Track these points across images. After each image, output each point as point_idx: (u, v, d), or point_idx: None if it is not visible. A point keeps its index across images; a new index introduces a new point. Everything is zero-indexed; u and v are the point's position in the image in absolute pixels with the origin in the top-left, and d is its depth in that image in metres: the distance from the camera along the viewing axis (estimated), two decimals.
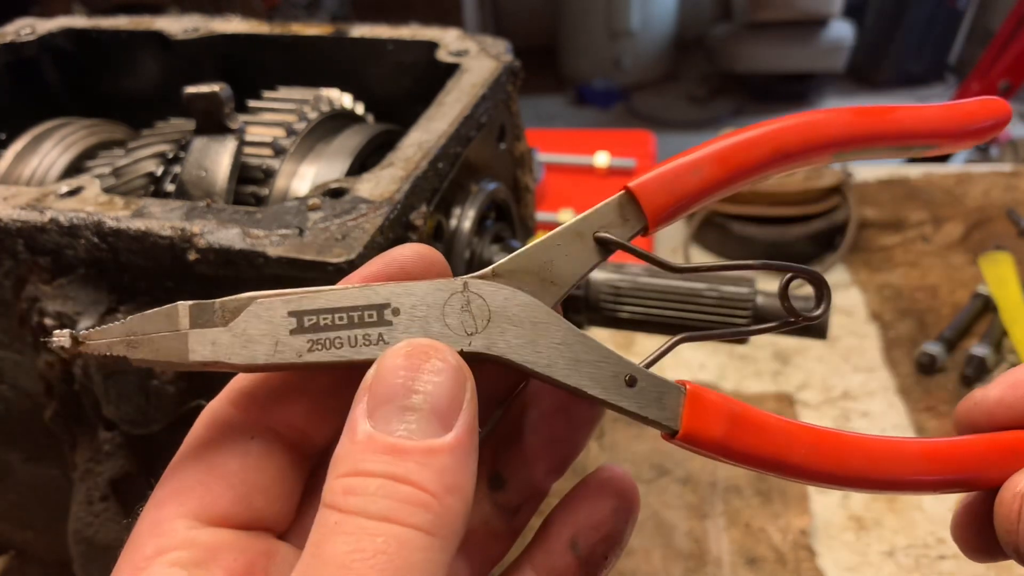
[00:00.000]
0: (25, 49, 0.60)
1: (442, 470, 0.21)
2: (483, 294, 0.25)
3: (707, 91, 3.54)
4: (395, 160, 0.42)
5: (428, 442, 0.21)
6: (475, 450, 0.22)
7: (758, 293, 0.48)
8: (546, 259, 0.26)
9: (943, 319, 0.88)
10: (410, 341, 0.23)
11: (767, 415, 0.25)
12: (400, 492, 0.20)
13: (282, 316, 0.24)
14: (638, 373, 0.25)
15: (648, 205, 0.27)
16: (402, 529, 0.20)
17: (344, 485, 0.20)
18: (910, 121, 0.29)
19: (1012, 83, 1.40)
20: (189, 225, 0.37)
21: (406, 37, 0.57)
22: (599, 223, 0.27)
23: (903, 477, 0.25)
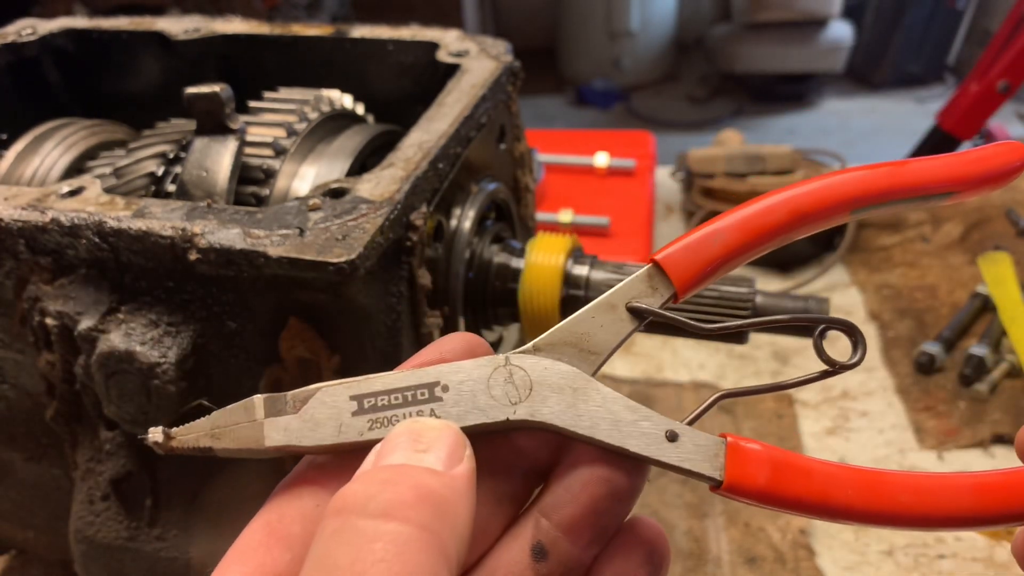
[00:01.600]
0: (26, 49, 0.60)
1: (440, 499, 0.22)
2: (524, 366, 0.27)
3: (707, 92, 3.54)
4: (395, 160, 0.42)
5: (429, 465, 0.23)
6: (471, 497, 0.23)
7: (757, 293, 0.49)
8: (583, 332, 0.28)
9: (942, 319, 0.88)
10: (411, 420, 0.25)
11: (809, 460, 0.26)
12: (400, 487, 0.21)
13: (344, 400, 0.27)
14: (679, 428, 0.27)
15: (675, 275, 0.29)
16: (400, 525, 0.21)
17: (341, 493, 0.22)
18: (924, 174, 0.30)
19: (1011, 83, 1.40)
20: (190, 225, 0.37)
21: (406, 38, 0.57)
22: (630, 294, 0.29)
23: (956, 513, 0.25)
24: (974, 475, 0.25)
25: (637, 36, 3.47)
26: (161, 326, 0.39)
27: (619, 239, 1.04)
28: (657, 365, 0.87)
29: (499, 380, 0.27)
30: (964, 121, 1.57)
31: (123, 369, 0.38)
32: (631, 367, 0.87)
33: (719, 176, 1.03)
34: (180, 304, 0.39)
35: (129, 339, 0.38)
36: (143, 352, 0.38)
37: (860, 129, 3.23)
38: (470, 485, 0.23)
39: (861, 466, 0.26)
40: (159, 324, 0.39)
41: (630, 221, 1.06)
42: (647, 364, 0.87)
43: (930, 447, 0.75)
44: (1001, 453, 0.74)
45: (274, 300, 0.38)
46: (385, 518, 0.21)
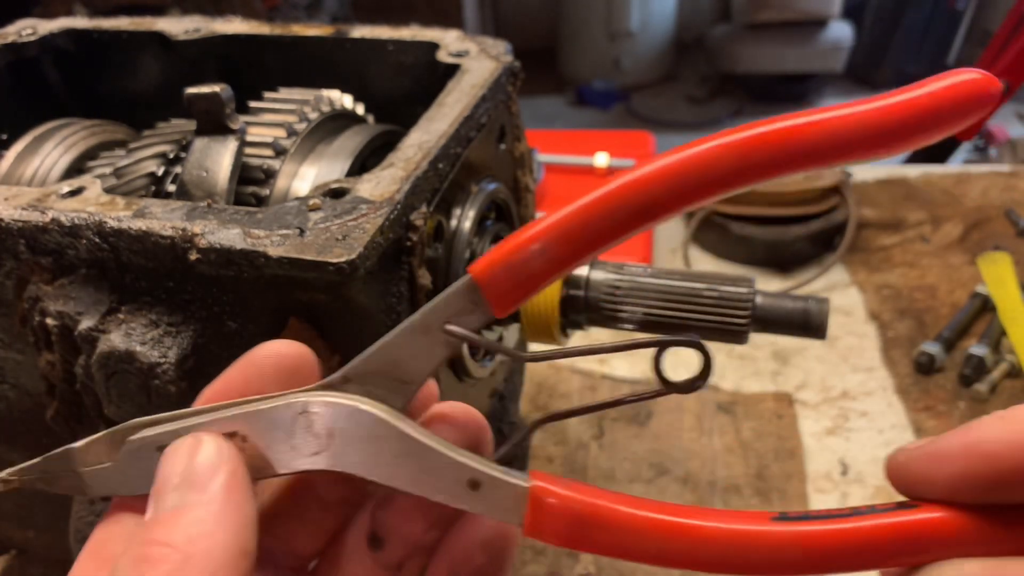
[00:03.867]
0: (26, 49, 0.60)
1: (187, 524, 0.23)
2: (324, 413, 0.26)
3: (706, 92, 3.54)
4: (395, 160, 0.42)
5: (179, 508, 0.24)
6: (238, 500, 0.24)
7: (757, 293, 0.49)
8: (395, 358, 0.26)
9: (942, 319, 0.89)
10: (170, 445, 0.26)
11: (617, 510, 0.24)
12: (143, 552, 0.23)
13: (151, 451, 0.27)
14: (481, 476, 0.25)
15: (492, 294, 0.25)
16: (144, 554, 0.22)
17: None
18: (836, 133, 0.22)
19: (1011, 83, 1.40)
20: (190, 225, 0.37)
21: (406, 38, 0.57)
22: (447, 312, 0.26)
23: (768, 563, 0.24)
24: (806, 526, 0.23)
25: (637, 36, 3.47)
26: (161, 326, 0.39)
27: None
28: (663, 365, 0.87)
29: (300, 428, 0.26)
30: None
31: (123, 369, 0.38)
32: (631, 367, 0.87)
33: None
34: (180, 304, 0.39)
35: (129, 339, 0.38)
36: (143, 352, 0.38)
37: None
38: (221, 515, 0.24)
39: (682, 509, 0.24)
40: (159, 324, 0.39)
41: None
42: (646, 364, 0.87)
43: None
44: None
45: (274, 300, 0.38)
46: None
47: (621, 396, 0.28)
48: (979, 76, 0.23)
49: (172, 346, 0.38)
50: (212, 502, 0.24)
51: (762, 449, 0.75)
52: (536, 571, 0.66)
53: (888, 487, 0.76)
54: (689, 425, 0.78)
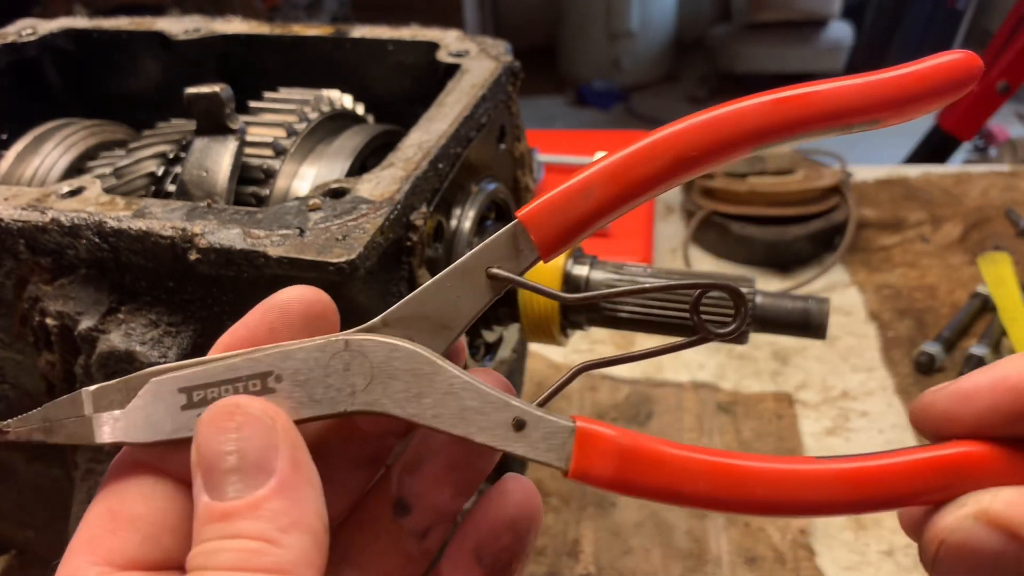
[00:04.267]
0: (26, 49, 0.60)
1: (274, 515, 0.22)
2: (365, 351, 0.25)
3: (707, 92, 3.54)
4: (395, 160, 0.42)
5: (252, 496, 0.22)
6: (308, 482, 0.23)
7: (757, 293, 0.49)
8: (437, 302, 0.26)
9: (942, 319, 0.89)
10: (212, 407, 0.24)
11: (663, 447, 0.25)
12: (237, 546, 0.21)
13: (173, 393, 0.25)
14: (526, 415, 0.25)
15: (538, 235, 0.26)
16: (248, 574, 0.21)
17: (191, 556, 0.22)
18: (840, 99, 0.26)
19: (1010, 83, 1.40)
20: (190, 225, 0.37)
21: (406, 38, 0.57)
22: (491, 258, 0.26)
23: (813, 501, 0.24)
24: (844, 464, 0.24)
25: (637, 36, 3.47)
26: (161, 326, 0.39)
27: (619, 239, 1.04)
28: (657, 365, 0.87)
29: (337, 367, 0.25)
30: (964, 121, 1.57)
31: (123, 369, 0.38)
32: (631, 367, 0.87)
33: (719, 176, 1.03)
34: (180, 304, 0.39)
35: (129, 339, 0.38)
36: (143, 352, 0.38)
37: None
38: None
39: (725, 452, 0.25)
40: (159, 324, 0.39)
41: (630, 221, 1.06)
42: (647, 364, 0.87)
43: None
44: None
45: None
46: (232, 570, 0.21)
47: (661, 347, 0.28)
48: (962, 55, 0.26)
49: (172, 346, 0.38)
50: (287, 486, 0.23)
51: (762, 449, 0.75)
52: (536, 571, 0.66)
53: None
54: (689, 425, 0.78)
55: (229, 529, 0.22)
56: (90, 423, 0.26)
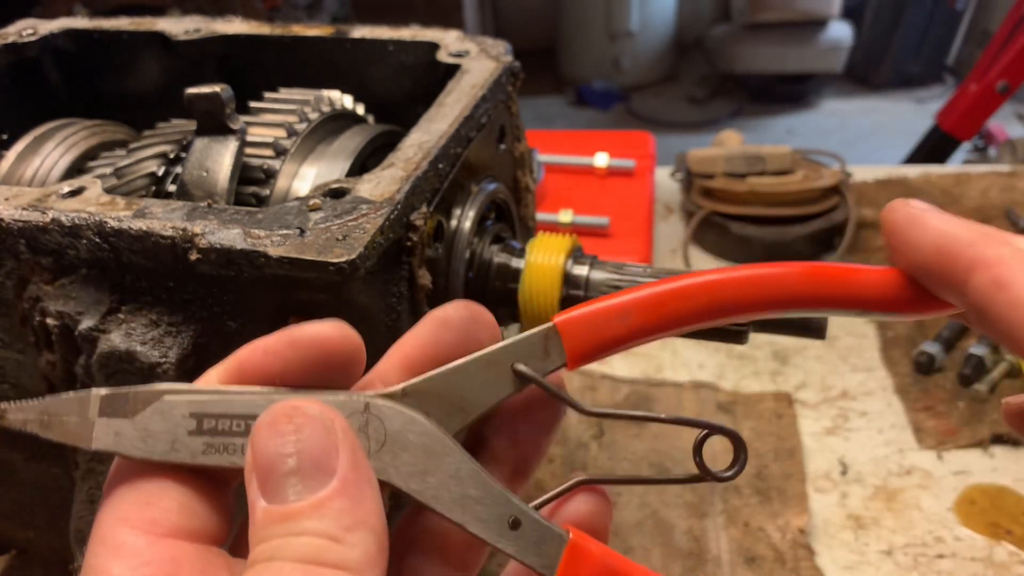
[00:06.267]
0: (27, 50, 0.60)
1: (338, 514, 0.22)
2: (382, 416, 0.25)
3: (706, 92, 3.54)
4: (396, 160, 0.42)
5: (315, 497, 0.22)
6: (368, 481, 0.23)
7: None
8: (460, 384, 0.26)
9: (941, 319, 0.89)
10: (269, 410, 0.23)
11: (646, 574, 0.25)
12: (298, 543, 0.21)
13: (183, 416, 0.25)
14: (523, 516, 0.25)
15: (570, 345, 0.27)
16: (314, 567, 0.21)
17: (254, 554, 0.22)
18: (871, 287, 0.27)
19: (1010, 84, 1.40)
20: (190, 225, 0.37)
21: (406, 38, 0.57)
22: (520, 353, 0.27)
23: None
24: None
25: (637, 36, 3.47)
26: (162, 326, 0.39)
27: (619, 239, 1.04)
28: (657, 365, 0.87)
29: (353, 427, 0.25)
30: (964, 121, 1.57)
31: (124, 369, 0.38)
32: (631, 367, 0.87)
33: (719, 176, 1.03)
34: (181, 304, 0.39)
35: (130, 339, 0.38)
36: (144, 352, 0.38)
37: (860, 129, 3.24)
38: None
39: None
40: (160, 324, 0.39)
41: (630, 221, 1.06)
42: (647, 364, 0.87)
43: (929, 447, 0.75)
44: (1000, 453, 0.74)
45: (274, 300, 0.38)
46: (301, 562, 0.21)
47: (663, 477, 0.31)
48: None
49: (172, 346, 0.38)
50: (348, 486, 0.22)
51: (762, 449, 0.76)
52: None
53: (887, 487, 0.76)
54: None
55: (293, 528, 0.22)
56: (90, 427, 0.25)
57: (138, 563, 0.22)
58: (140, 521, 0.23)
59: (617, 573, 0.25)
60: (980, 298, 0.24)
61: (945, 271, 0.25)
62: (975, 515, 0.68)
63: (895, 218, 0.27)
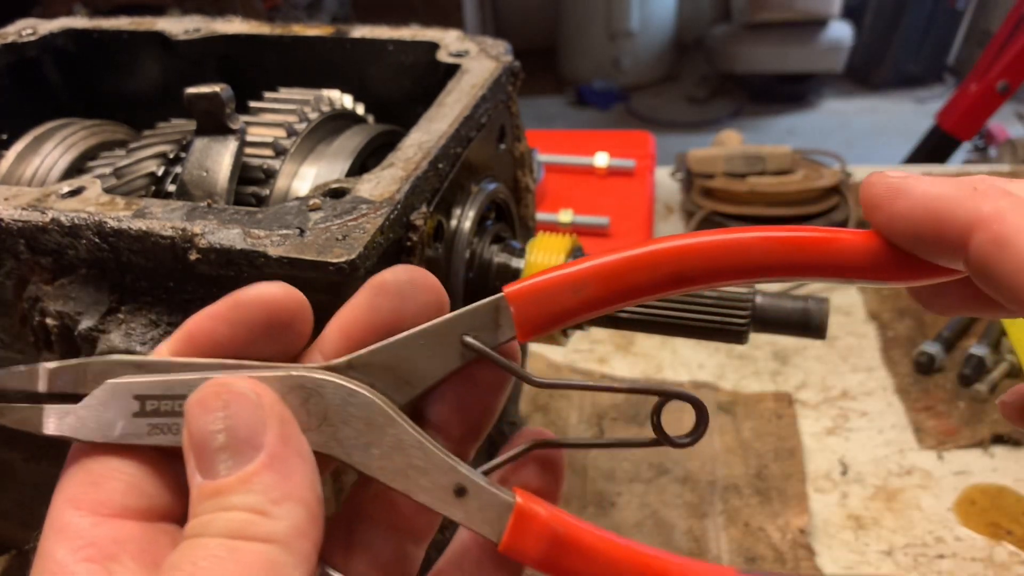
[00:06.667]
0: (26, 50, 0.60)
1: (265, 488, 0.22)
2: (322, 392, 0.25)
3: (706, 92, 3.54)
4: (396, 160, 0.42)
5: (243, 471, 0.22)
6: (298, 453, 0.23)
7: (757, 293, 0.49)
8: (406, 356, 0.26)
9: (941, 319, 0.88)
10: (200, 388, 0.24)
11: (597, 539, 0.25)
12: (224, 519, 0.22)
13: (128, 398, 0.25)
14: (469, 483, 0.25)
15: (521, 317, 0.26)
16: (239, 542, 0.21)
17: (187, 528, 0.23)
18: (852, 253, 0.26)
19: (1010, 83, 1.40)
20: (190, 225, 0.37)
21: (406, 38, 0.57)
22: (470, 325, 0.26)
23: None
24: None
25: (637, 36, 3.47)
26: (161, 326, 0.39)
27: (619, 239, 1.04)
28: (657, 365, 0.87)
29: (293, 402, 0.25)
30: (964, 121, 1.57)
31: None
32: (630, 367, 0.87)
33: (719, 176, 1.03)
34: (180, 304, 0.39)
35: (129, 339, 0.38)
36: (143, 352, 0.38)
37: (860, 129, 3.24)
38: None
39: (660, 552, 0.25)
40: (159, 324, 0.39)
41: (630, 221, 1.06)
42: (646, 364, 0.87)
43: (929, 447, 0.75)
44: (1001, 453, 0.74)
45: None
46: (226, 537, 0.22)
47: (619, 440, 0.29)
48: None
49: None
50: (276, 460, 0.23)
51: (762, 449, 0.75)
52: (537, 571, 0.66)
53: (887, 487, 0.75)
54: (689, 425, 0.78)
55: (222, 503, 0.22)
56: (40, 413, 0.26)
57: (80, 544, 0.23)
58: (86, 502, 0.24)
59: (565, 535, 0.25)
60: (982, 259, 0.23)
61: (940, 236, 0.24)
62: (975, 515, 0.68)
63: (875, 192, 0.26)
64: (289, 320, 0.26)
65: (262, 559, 0.21)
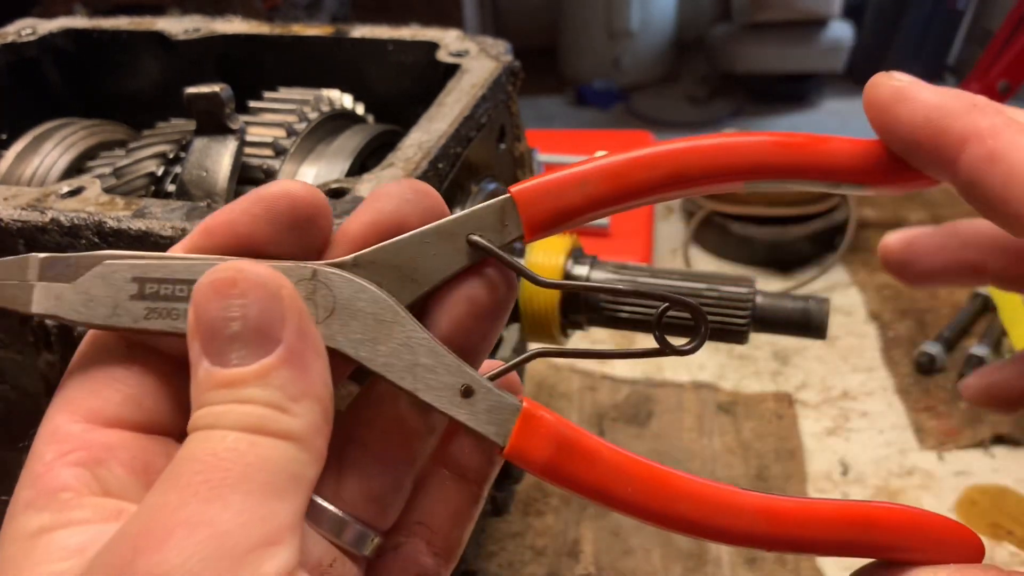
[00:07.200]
0: (26, 49, 0.60)
1: (283, 383, 0.21)
2: (331, 284, 0.25)
3: (707, 92, 3.54)
4: (395, 160, 0.42)
5: (260, 364, 0.21)
6: (315, 350, 0.23)
7: (758, 293, 0.49)
8: (412, 254, 0.26)
9: (942, 319, 0.88)
10: (213, 270, 0.22)
11: (603, 446, 0.25)
12: (240, 411, 0.21)
13: (125, 280, 0.24)
14: (476, 384, 0.25)
15: (527, 214, 0.26)
16: (258, 437, 0.21)
17: (194, 416, 0.22)
18: (843, 157, 0.26)
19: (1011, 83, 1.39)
20: (190, 225, 0.37)
21: (406, 38, 0.57)
22: (475, 225, 0.26)
23: (732, 529, 0.24)
24: (770, 499, 0.25)
25: (637, 36, 3.47)
26: None
27: (619, 239, 1.04)
28: (657, 365, 0.87)
29: (301, 293, 0.24)
30: None
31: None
32: (631, 367, 0.87)
33: None
34: None
35: None
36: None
37: (860, 129, 3.20)
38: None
39: (663, 468, 0.25)
40: None
41: (630, 221, 1.06)
42: (647, 364, 0.87)
43: (930, 447, 0.75)
44: (1001, 453, 0.74)
45: None
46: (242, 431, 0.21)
47: (622, 351, 0.29)
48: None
49: None
50: (294, 355, 0.22)
51: (762, 449, 0.75)
52: (536, 571, 0.66)
53: (888, 488, 0.75)
54: (689, 425, 0.78)
55: (237, 395, 0.21)
56: (30, 290, 0.24)
57: (69, 448, 0.23)
58: (81, 410, 0.23)
59: (571, 440, 0.25)
60: (972, 172, 0.24)
61: (936, 145, 0.24)
62: (976, 516, 0.68)
63: (879, 93, 0.26)
64: (312, 215, 0.25)
65: (281, 455, 0.21)
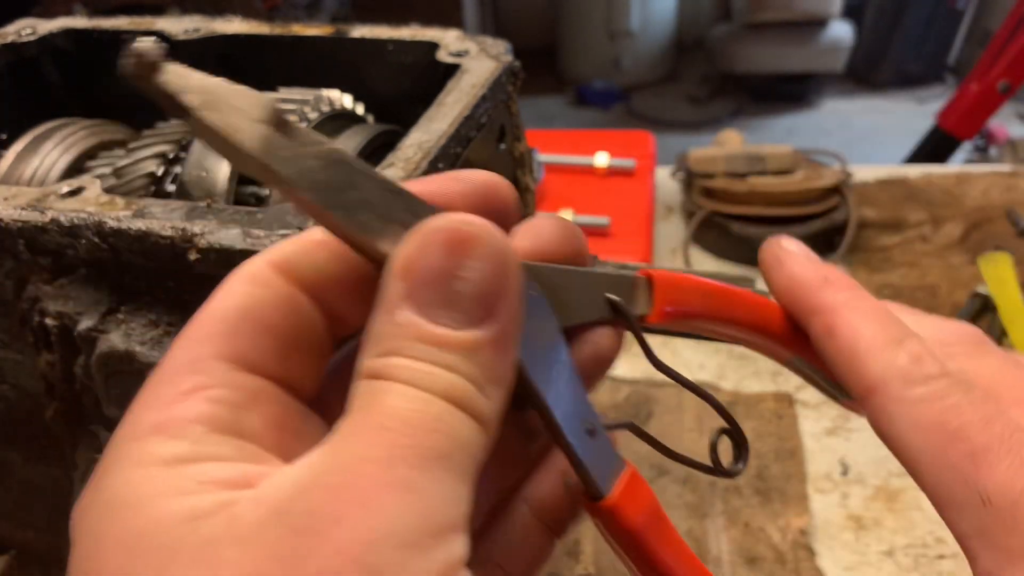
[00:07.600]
0: (26, 49, 0.60)
1: (488, 361, 0.20)
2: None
3: (707, 92, 3.54)
4: (395, 160, 0.42)
5: (472, 334, 0.19)
6: (518, 340, 0.21)
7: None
8: (565, 286, 0.25)
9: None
10: (447, 218, 0.20)
11: (677, 533, 0.25)
12: (447, 378, 0.19)
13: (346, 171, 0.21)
14: (598, 428, 0.24)
15: (660, 297, 0.27)
16: (461, 413, 0.19)
17: (387, 362, 0.19)
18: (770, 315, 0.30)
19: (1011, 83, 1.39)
20: (190, 225, 0.37)
21: (406, 38, 0.57)
22: (612, 287, 0.26)
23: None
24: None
25: (637, 36, 3.47)
26: (161, 326, 0.39)
27: (619, 239, 1.04)
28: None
29: None
30: (964, 121, 1.57)
31: (123, 369, 0.38)
32: (631, 367, 0.87)
33: (719, 176, 1.03)
34: (180, 304, 0.39)
35: (129, 339, 0.38)
36: (143, 352, 0.38)
37: (860, 129, 3.23)
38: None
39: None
40: (159, 324, 0.39)
41: (630, 221, 1.06)
42: (647, 364, 0.87)
43: None
44: None
45: None
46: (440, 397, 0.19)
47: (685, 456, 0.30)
48: None
49: None
50: (504, 336, 0.20)
51: (762, 449, 0.75)
52: None
53: (888, 488, 0.75)
54: (689, 425, 0.78)
55: (444, 359, 0.19)
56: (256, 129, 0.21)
57: (211, 383, 0.20)
58: (229, 346, 0.20)
59: (661, 514, 0.25)
60: (815, 342, 0.27)
61: (794, 313, 0.28)
62: None
63: (763, 257, 0.29)
64: (504, 205, 0.25)
65: (474, 438, 0.19)
